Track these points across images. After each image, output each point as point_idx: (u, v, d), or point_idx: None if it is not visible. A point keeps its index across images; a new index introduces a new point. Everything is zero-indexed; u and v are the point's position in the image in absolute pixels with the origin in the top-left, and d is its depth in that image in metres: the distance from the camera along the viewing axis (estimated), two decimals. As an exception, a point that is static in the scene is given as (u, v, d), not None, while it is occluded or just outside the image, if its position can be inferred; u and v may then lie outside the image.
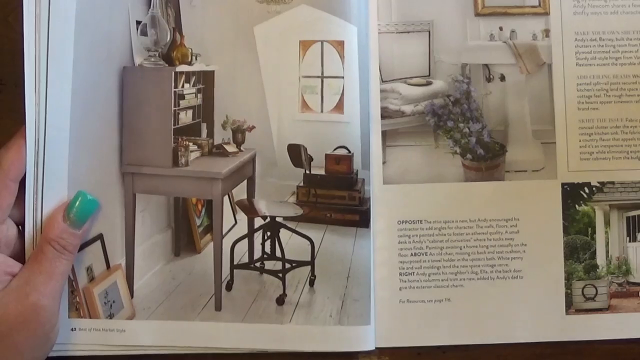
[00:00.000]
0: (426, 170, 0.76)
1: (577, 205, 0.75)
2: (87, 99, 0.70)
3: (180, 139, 0.80)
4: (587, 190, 0.75)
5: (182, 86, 0.80)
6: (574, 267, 0.74)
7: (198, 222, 0.83)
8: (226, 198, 0.81)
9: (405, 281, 0.73)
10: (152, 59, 0.79)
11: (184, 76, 0.80)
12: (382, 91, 0.75)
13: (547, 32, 0.75)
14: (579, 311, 0.74)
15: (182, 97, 0.81)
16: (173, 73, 0.79)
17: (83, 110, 0.70)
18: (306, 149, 0.80)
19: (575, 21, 0.75)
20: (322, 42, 0.78)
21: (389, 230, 0.74)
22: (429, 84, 0.78)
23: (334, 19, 0.76)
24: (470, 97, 0.76)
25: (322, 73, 0.79)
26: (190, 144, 0.81)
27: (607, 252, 0.75)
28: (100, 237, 0.73)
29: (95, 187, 0.72)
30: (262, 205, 0.81)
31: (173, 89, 0.79)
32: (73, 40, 0.68)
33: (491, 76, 0.78)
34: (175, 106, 0.80)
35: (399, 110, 0.78)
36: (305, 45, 0.78)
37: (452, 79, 0.77)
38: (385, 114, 0.75)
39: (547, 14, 0.75)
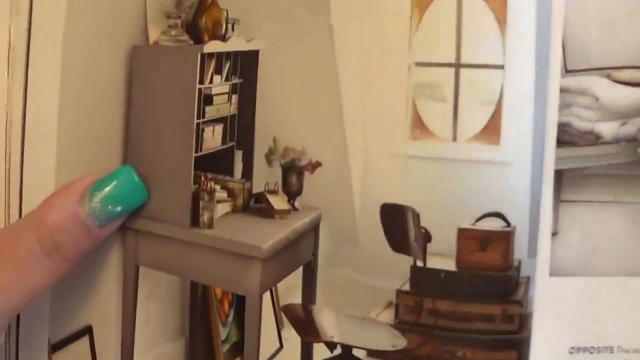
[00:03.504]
0: (632, 253, 0.46)
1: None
2: (82, 96, 0.45)
3: (203, 177, 0.47)
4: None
5: (211, 80, 0.46)
6: None
7: (223, 334, 0.51)
8: (268, 297, 0.49)
9: None
10: (173, 32, 0.48)
11: (213, 61, 0.46)
12: (563, 91, 0.45)
13: None
14: None
15: (209, 99, 0.47)
16: (199, 55, 0.46)
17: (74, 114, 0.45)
18: (418, 215, 0.45)
19: None
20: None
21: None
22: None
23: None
24: None
25: (458, 57, 0.43)
26: (218, 187, 0.48)
27: None
28: (88, 330, 0.49)
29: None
30: (328, 322, 0.48)
31: (197, 85, 0.46)
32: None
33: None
34: (199, 117, 0.46)
35: (590, 131, 0.47)
36: (422, 2, 0.44)
37: None
38: (566, 137, 0.45)
39: None
